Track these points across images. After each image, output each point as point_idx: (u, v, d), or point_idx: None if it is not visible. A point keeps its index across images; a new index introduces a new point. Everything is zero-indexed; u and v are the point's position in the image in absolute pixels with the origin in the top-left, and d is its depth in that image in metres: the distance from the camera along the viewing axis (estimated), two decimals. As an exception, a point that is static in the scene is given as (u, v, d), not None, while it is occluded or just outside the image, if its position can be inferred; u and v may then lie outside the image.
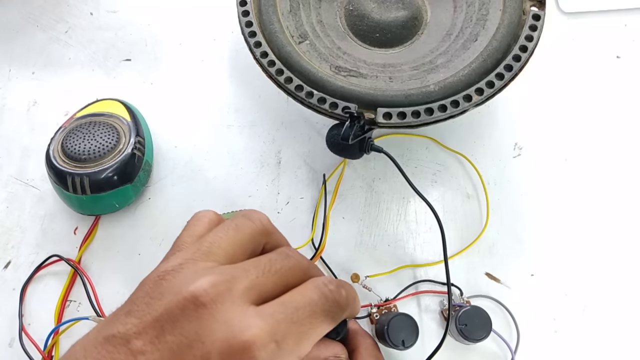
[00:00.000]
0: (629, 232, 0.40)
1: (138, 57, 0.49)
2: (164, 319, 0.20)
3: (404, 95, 0.36)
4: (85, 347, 0.21)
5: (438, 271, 0.40)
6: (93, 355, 0.20)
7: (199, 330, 0.20)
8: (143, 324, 0.20)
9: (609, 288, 0.39)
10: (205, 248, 0.23)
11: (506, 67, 0.36)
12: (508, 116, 0.45)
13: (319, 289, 0.23)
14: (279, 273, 0.23)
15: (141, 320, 0.21)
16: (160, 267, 0.23)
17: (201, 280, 0.21)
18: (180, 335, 0.20)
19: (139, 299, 0.22)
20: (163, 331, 0.20)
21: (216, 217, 0.27)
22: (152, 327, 0.20)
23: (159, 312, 0.20)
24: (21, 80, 0.48)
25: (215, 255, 0.23)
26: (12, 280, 0.40)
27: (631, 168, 0.43)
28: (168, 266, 0.22)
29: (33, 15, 0.51)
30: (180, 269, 0.22)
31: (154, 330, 0.20)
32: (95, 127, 0.40)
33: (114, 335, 0.20)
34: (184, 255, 0.23)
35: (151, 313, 0.21)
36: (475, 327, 0.35)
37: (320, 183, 0.42)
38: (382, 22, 0.42)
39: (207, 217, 0.27)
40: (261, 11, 0.40)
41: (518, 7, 0.38)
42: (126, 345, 0.20)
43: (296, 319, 0.21)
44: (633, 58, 0.47)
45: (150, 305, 0.21)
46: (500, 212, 0.41)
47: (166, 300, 0.21)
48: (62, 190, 0.39)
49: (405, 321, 0.35)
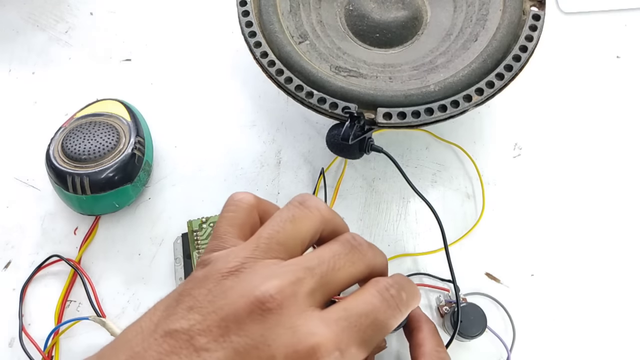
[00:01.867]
0: (629, 232, 0.40)
1: (138, 57, 0.49)
2: (229, 319, 0.20)
3: (404, 95, 0.36)
4: (143, 339, 0.21)
5: (436, 266, 0.39)
6: (153, 348, 0.20)
7: (265, 334, 0.20)
8: (207, 321, 0.20)
9: (609, 288, 0.39)
10: (264, 245, 0.23)
11: (506, 67, 0.36)
12: (508, 116, 0.45)
13: (382, 294, 0.23)
14: (342, 269, 0.23)
15: (205, 317, 0.21)
16: (220, 262, 0.23)
17: (267, 284, 0.21)
18: (246, 336, 0.20)
19: (202, 296, 0.21)
20: (228, 331, 0.20)
21: (255, 201, 0.26)
22: (217, 326, 0.20)
23: (225, 312, 0.20)
24: (21, 80, 0.48)
25: (275, 251, 0.23)
26: (12, 280, 0.40)
27: (631, 168, 0.43)
28: (230, 265, 0.22)
29: (33, 15, 0.51)
30: (243, 268, 0.22)
31: (219, 329, 0.20)
32: (95, 127, 0.40)
33: (177, 330, 0.20)
34: (243, 253, 0.23)
35: (216, 312, 0.21)
36: (471, 324, 0.35)
37: (321, 183, 0.42)
38: (382, 22, 0.42)
39: (245, 202, 0.26)
40: (261, 11, 0.40)
41: (518, 7, 0.38)
42: (189, 341, 0.20)
43: (359, 327, 0.21)
44: (633, 58, 0.47)
45: (214, 303, 0.21)
46: (500, 212, 0.41)
47: (231, 300, 0.21)
48: (62, 190, 0.39)
49: None
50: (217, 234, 0.25)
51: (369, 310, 0.22)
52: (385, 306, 0.23)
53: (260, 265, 0.22)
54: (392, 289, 0.23)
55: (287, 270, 0.22)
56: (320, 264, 0.22)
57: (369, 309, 0.22)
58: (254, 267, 0.22)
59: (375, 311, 0.22)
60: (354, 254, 0.24)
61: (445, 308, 0.37)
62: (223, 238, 0.25)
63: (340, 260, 0.23)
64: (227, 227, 0.25)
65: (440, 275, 0.39)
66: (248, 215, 0.26)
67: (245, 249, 0.23)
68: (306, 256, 0.23)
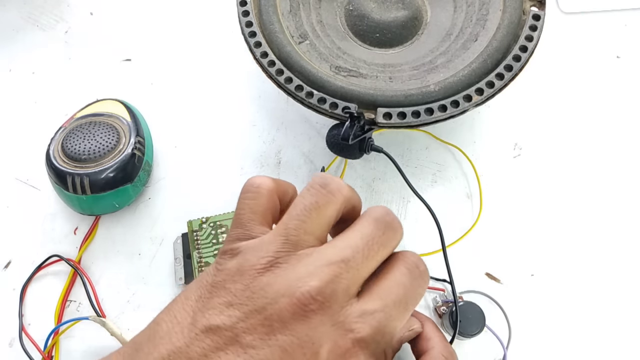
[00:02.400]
0: (629, 232, 0.40)
1: (138, 57, 0.49)
2: (273, 319, 0.21)
3: (404, 95, 0.36)
4: (183, 333, 0.21)
5: (434, 266, 0.39)
6: (196, 344, 0.21)
7: (310, 333, 0.21)
8: (251, 320, 0.21)
9: (610, 288, 0.39)
10: (294, 237, 0.23)
11: (506, 67, 0.36)
12: (508, 116, 0.45)
13: (412, 273, 0.23)
14: (376, 256, 0.23)
15: (247, 315, 0.21)
16: (251, 258, 0.22)
17: (307, 285, 0.21)
18: (291, 335, 0.21)
19: (239, 292, 0.22)
20: (273, 329, 0.21)
21: (274, 185, 0.26)
22: (262, 325, 0.21)
23: (269, 312, 0.21)
24: (21, 80, 0.48)
25: (305, 242, 0.23)
26: (12, 280, 0.40)
27: (631, 168, 0.43)
28: (263, 261, 0.22)
29: (33, 15, 0.51)
30: (278, 264, 0.22)
31: (263, 327, 0.21)
32: (95, 127, 0.40)
33: (219, 327, 0.21)
34: (274, 247, 0.23)
35: (259, 311, 0.21)
36: (469, 323, 0.35)
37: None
38: (382, 22, 0.42)
39: (265, 187, 0.25)
40: (261, 11, 0.40)
41: (518, 7, 0.38)
42: (235, 338, 0.21)
43: (394, 316, 0.22)
44: (633, 58, 0.47)
45: (255, 301, 0.21)
46: (500, 212, 0.41)
47: (272, 300, 0.21)
48: (62, 190, 0.39)
49: None
50: (241, 221, 0.25)
51: (402, 294, 0.23)
52: (415, 285, 0.23)
53: (295, 260, 0.22)
54: (421, 266, 0.24)
55: (323, 266, 0.22)
56: (354, 254, 0.22)
57: (401, 293, 0.23)
58: (289, 262, 0.22)
59: (407, 294, 0.23)
60: (387, 234, 0.23)
61: (442, 308, 0.37)
62: (247, 226, 0.24)
63: (374, 246, 0.23)
64: (250, 215, 0.25)
65: (437, 275, 0.39)
66: (269, 200, 0.25)
67: (275, 242, 0.23)
68: (339, 245, 0.23)
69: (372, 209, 0.24)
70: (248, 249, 0.23)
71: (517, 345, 0.37)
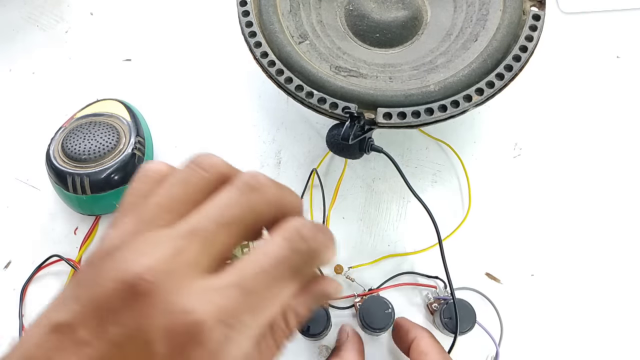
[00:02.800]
0: (629, 232, 0.40)
1: (138, 57, 0.49)
2: (103, 308, 0.18)
3: (404, 95, 0.36)
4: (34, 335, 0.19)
5: (429, 264, 0.39)
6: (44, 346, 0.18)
7: (140, 320, 0.18)
8: (85, 311, 0.18)
9: (610, 288, 0.39)
10: (149, 216, 0.20)
11: (506, 67, 0.36)
12: (508, 116, 0.45)
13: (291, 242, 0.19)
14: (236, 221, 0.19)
15: (83, 307, 0.18)
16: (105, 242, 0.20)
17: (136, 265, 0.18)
18: (121, 325, 0.18)
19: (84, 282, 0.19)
20: (103, 321, 0.18)
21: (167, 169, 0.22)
22: (93, 317, 0.18)
23: (99, 300, 0.18)
24: (21, 80, 0.48)
25: (161, 220, 0.20)
26: (12, 280, 0.40)
27: (631, 168, 0.43)
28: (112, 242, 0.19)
29: (33, 15, 0.51)
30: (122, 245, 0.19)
31: (94, 319, 0.18)
32: (95, 127, 0.40)
33: (60, 323, 0.18)
34: (126, 227, 0.20)
35: (92, 300, 0.18)
36: (460, 320, 0.35)
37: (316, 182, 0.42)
38: (382, 22, 0.42)
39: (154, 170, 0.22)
40: (261, 11, 0.40)
41: (518, 7, 0.38)
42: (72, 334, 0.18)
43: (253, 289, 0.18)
44: (633, 58, 0.47)
45: (92, 289, 0.18)
46: (500, 212, 0.41)
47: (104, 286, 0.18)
48: (62, 190, 0.39)
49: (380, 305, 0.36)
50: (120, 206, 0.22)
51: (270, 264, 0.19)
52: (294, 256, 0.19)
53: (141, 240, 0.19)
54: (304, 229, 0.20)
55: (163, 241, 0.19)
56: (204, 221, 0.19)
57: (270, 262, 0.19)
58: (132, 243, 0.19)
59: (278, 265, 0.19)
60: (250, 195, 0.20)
61: (434, 305, 0.37)
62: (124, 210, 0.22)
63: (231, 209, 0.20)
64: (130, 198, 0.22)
65: (430, 272, 0.39)
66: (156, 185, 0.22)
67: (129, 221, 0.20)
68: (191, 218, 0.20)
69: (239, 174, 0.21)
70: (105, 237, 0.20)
71: (510, 343, 0.37)
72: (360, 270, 0.40)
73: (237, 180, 0.21)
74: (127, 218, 0.20)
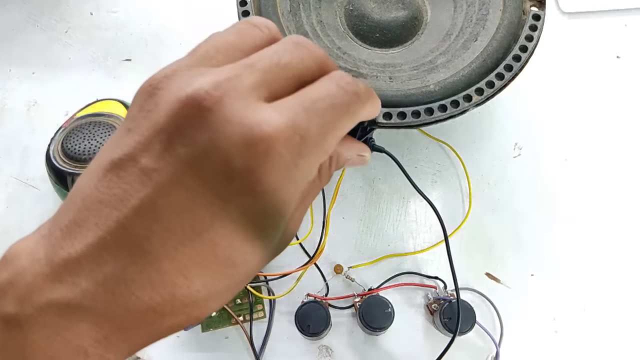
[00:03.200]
0: (629, 232, 0.40)
1: (138, 57, 0.49)
2: (169, 130, 0.17)
3: (404, 95, 0.36)
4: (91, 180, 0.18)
5: (427, 264, 0.40)
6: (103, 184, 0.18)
7: (212, 136, 0.17)
8: (146, 140, 0.18)
9: (610, 288, 0.39)
10: (201, 53, 0.20)
11: (506, 67, 0.36)
12: (508, 116, 0.45)
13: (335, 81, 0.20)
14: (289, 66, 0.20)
15: (143, 135, 0.18)
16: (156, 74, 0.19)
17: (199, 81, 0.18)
18: (192, 144, 0.17)
19: (136, 115, 0.18)
20: (171, 143, 0.17)
21: None
22: (158, 141, 0.17)
23: (162, 124, 0.17)
24: (21, 80, 0.48)
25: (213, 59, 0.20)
26: (12, 280, 0.40)
27: (631, 168, 0.43)
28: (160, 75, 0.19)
29: (33, 15, 0.51)
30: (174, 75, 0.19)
31: (159, 144, 0.17)
32: (95, 127, 0.40)
33: (120, 158, 0.18)
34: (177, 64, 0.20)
35: (153, 125, 0.18)
36: (460, 320, 0.35)
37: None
38: (382, 22, 0.42)
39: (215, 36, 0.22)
40: (261, 11, 0.40)
41: (518, 7, 0.38)
42: (136, 165, 0.17)
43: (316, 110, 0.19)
44: (633, 58, 0.47)
45: (149, 118, 0.18)
46: (500, 212, 0.41)
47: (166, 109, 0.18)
48: (62, 190, 0.39)
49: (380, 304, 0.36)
50: None
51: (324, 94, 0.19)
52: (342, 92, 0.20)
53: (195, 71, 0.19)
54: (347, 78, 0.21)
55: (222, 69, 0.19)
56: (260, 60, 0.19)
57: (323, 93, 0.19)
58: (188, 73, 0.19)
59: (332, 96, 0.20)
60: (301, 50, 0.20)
61: (434, 305, 0.37)
62: None
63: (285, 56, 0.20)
64: None
65: (430, 273, 0.39)
66: None
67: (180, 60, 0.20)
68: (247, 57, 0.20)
69: None
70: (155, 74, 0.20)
71: (510, 343, 0.37)
72: (360, 270, 0.40)
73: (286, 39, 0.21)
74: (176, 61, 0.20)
